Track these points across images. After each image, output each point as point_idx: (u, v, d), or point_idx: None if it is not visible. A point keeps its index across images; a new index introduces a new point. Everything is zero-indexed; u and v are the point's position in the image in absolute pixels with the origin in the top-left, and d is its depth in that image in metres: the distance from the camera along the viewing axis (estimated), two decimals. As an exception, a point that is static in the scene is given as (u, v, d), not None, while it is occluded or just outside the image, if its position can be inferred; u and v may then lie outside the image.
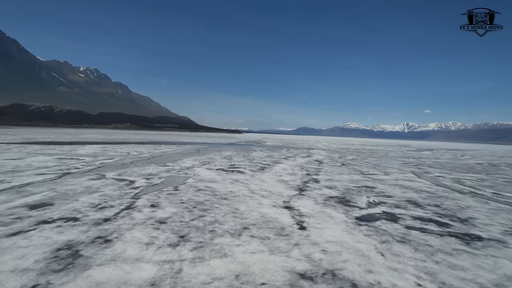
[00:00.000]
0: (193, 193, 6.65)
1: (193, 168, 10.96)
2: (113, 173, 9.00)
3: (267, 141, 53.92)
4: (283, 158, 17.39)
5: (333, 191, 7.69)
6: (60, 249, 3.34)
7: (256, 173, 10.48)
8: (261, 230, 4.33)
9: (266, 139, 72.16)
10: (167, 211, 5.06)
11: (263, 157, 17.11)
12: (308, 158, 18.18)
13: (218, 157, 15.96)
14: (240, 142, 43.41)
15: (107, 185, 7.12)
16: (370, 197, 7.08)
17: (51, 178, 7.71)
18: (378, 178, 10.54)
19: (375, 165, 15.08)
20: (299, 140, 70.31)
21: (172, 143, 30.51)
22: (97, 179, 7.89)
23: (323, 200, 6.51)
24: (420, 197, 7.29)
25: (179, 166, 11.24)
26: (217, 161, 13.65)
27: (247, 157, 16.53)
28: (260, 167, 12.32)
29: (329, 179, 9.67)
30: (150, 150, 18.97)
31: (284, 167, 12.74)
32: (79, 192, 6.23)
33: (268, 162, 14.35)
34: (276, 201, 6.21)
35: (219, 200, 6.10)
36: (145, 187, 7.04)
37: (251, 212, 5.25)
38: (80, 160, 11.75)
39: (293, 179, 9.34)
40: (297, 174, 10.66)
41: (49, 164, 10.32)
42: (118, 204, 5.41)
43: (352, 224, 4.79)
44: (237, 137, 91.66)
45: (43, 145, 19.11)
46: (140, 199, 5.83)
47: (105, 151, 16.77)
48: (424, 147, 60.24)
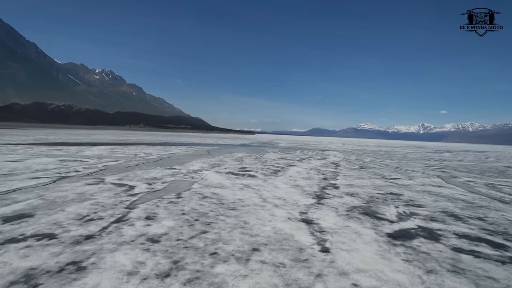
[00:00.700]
0: (197, 201, 5.88)
1: (200, 171, 10.22)
2: (113, 177, 8.32)
3: (280, 142, 53.02)
4: (297, 160, 16.52)
5: (356, 199, 6.82)
6: (14, 283, 2.60)
7: (268, 177, 9.67)
8: (274, 252, 3.52)
9: (279, 140, 71.23)
10: (163, 225, 4.30)
11: (276, 159, 16.28)
12: (324, 160, 17.26)
13: (228, 159, 15.21)
14: (252, 143, 42.64)
15: (103, 191, 6.43)
16: (398, 207, 6.18)
17: (45, 182, 7.07)
18: (403, 183, 9.59)
19: (396, 168, 14.07)
20: (313, 141, 69.10)
21: (183, 144, 29.96)
22: (94, 184, 7.21)
23: (345, 211, 5.65)
24: (457, 207, 6.35)
25: (186, 169, 10.52)
26: (227, 164, 12.89)
27: (259, 159, 15.73)
28: (273, 170, 11.50)
29: (349, 185, 8.78)
30: (159, 151, 18.36)
31: (298, 170, 11.89)
32: (69, 200, 5.54)
33: (281, 165, 13.51)
34: (292, 212, 5.38)
35: (226, 210, 5.31)
36: (144, 194, 6.32)
37: (262, 227, 4.45)
38: (83, 162, 11.16)
39: (309, 185, 8.49)
40: (313, 178, 9.80)
41: (49, 166, 9.73)
42: (109, 215, 4.68)
43: (385, 244, 3.93)
44: (249, 138, 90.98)
45: (52, 146, 18.73)
46: (136, 209, 5.09)
47: (112, 152, 16.23)
48: (442, 148, 58.31)
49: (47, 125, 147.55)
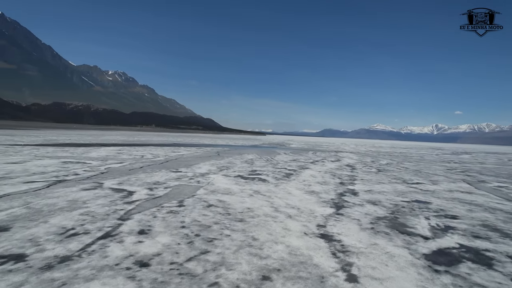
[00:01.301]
0: (201, 210, 5.22)
1: (208, 175, 9.58)
2: (113, 181, 7.73)
3: (292, 143, 52.15)
4: (310, 162, 15.75)
5: (379, 208, 6.06)
6: None
7: (280, 181, 8.96)
8: (289, 282, 2.82)
9: (290, 141, 70.32)
10: (157, 242, 3.65)
11: (288, 161, 15.55)
12: (338, 162, 16.45)
13: (238, 161, 14.55)
14: (263, 144, 41.93)
15: (98, 197, 5.82)
16: (429, 218, 5.40)
17: (38, 187, 6.51)
18: (427, 188, 8.76)
19: (416, 172, 13.19)
20: (325, 143, 67.97)
21: (192, 145, 29.46)
22: (90, 189, 6.62)
23: (369, 223, 4.91)
24: (498, 219, 5.53)
25: (192, 172, 9.89)
26: (236, 166, 12.23)
27: (271, 162, 15.02)
28: (285, 173, 10.79)
29: (368, 190, 8.01)
30: (167, 152, 17.82)
31: (312, 173, 11.15)
32: (57, 208, 4.94)
33: (293, 168, 12.78)
34: (308, 225, 4.67)
35: (232, 222, 4.63)
36: (143, 201, 5.68)
37: (274, 245, 3.75)
38: (85, 165, 10.64)
39: (325, 190, 7.75)
40: (329, 183, 9.05)
41: (48, 169, 9.22)
42: (97, 228, 4.05)
43: (425, 271, 3.19)
44: (260, 139, 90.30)
45: (59, 147, 18.38)
46: (130, 221, 4.46)
47: (118, 153, 15.74)
48: (459, 150, 56.54)
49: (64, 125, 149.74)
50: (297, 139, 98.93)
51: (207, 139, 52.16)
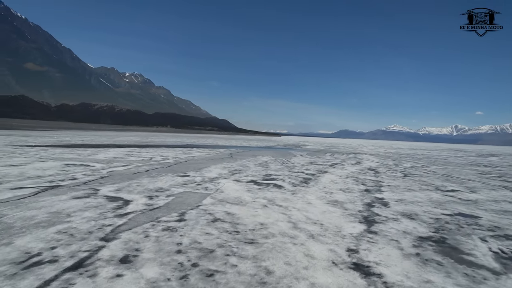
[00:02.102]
0: (204, 227, 4.33)
1: (217, 180, 8.70)
2: (112, 187, 6.94)
3: (307, 144, 50.88)
4: (329, 165, 14.71)
5: (418, 224, 5.03)
6: None
7: (298, 188, 8.00)
8: None
9: (306, 142, 68.96)
10: (140, 277, 2.77)
11: (305, 164, 14.54)
12: (359, 165, 15.34)
13: (252, 163, 13.64)
14: (278, 145, 40.91)
15: (87, 209, 5.01)
16: (486, 239, 4.36)
17: (23, 195, 5.75)
18: (467, 197, 7.64)
19: (446, 177, 11.98)
20: (341, 144, 66.32)
21: (206, 146, 28.74)
22: (83, 197, 5.83)
23: (412, 247, 3.91)
24: None
25: (201, 177, 9.04)
26: (250, 170, 11.32)
27: (286, 164, 14.05)
28: (302, 178, 9.82)
29: (400, 200, 6.97)
30: (178, 154, 17.08)
31: (332, 178, 10.14)
32: (32, 223, 4.13)
33: (311, 171, 11.79)
34: (336, 250, 3.71)
35: (240, 245, 3.72)
36: (138, 214, 4.84)
37: (295, 283, 2.82)
38: (88, 168, 9.94)
39: (350, 199, 6.76)
40: (352, 190, 8.03)
41: (46, 172, 8.53)
42: (70, 254, 3.21)
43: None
44: (275, 140, 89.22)
45: (68, 148, 17.90)
46: (114, 241, 3.61)
47: (127, 155, 15.07)
48: (483, 151, 54.06)
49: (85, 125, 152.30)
50: (312, 140, 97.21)
51: (221, 140, 51.50)
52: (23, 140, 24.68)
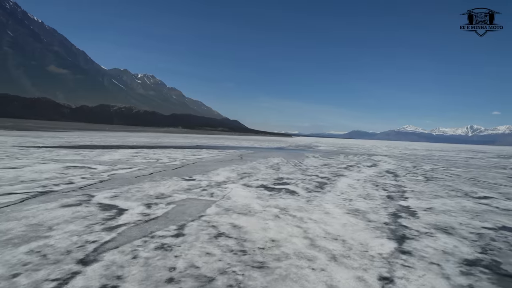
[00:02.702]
0: (204, 245, 3.65)
1: (225, 184, 8.03)
2: (109, 193, 6.33)
3: (319, 145, 49.87)
4: (344, 167, 13.90)
5: (458, 240, 4.26)
6: None
7: (313, 193, 7.27)
8: None
9: (318, 143, 67.88)
10: (114, 324, 2.11)
11: (319, 167, 13.77)
12: (376, 168, 14.48)
13: (262, 166, 12.95)
14: (290, 146, 40.08)
15: (73, 220, 4.39)
16: (547, 262, 3.57)
17: (9, 202, 5.17)
18: (504, 206, 6.79)
19: (473, 181, 11.07)
20: (354, 145, 65.03)
21: (215, 147, 28.17)
22: (73, 205, 5.23)
23: (460, 274, 3.16)
24: None
25: (207, 181, 8.38)
26: (260, 173, 10.62)
27: (299, 167, 13.30)
28: (317, 182, 9.08)
29: (428, 209, 6.18)
30: (186, 155, 16.50)
31: (349, 182, 9.37)
32: (5, 239, 3.52)
33: (326, 174, 11.03)
34: (365, 277, 2.99)
35: (247, 271, 3.02)
36: (130, 227, 4.20)
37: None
38: (89, 170, 9.40)
39: (372, 208, 6.00)
40: (373, 196, 7.26)
41: (43, 176, 7.99)
42: (31, 285, 2.57)
43: None
44: (286, 140, 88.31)
45: (74, 149, 17.51)
46: (94, 265, 2.96)
47: (133, 156, 14.55)
48: (503, 152, 52.16)
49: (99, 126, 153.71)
50: (324, 141, 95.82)
51: (232, 141, 50.94)
52: (33, 141, 24.52)
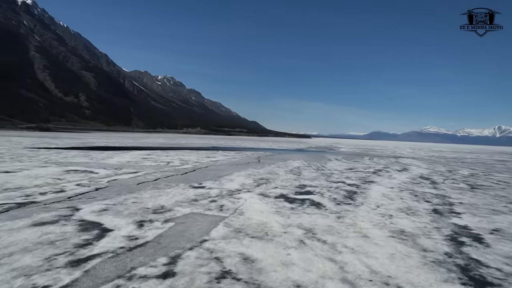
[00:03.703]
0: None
1: (239, 193, 6.91)
2: (99, 205, 5.31)
3: (340, 146, 48.01)
4: (372, 172, 12.53)
5: None
6: None
7: (343, 207, 6.04)
8: None
9: (338, 144, 65.86)
10: None
11: (344, 171, 12.45)
12: (407, 173, 13.02)
13: (282, 170, 11.76)
14: (309, 148, 38.64)
15: (37, 246, 3.37)
16: None
17: (-31, 219, 4.23)
18: None
19: (527, 189, 9.52)
20: (376, 146, 62.71)
21: (232, 149, 27.15)
22: (49, 222, 4.22)
23: None
24: None
25: (219, 189, 7.28)
26: (279, 179, 9.45)
27: (322, 171, 12.04)
28: (345, 191, 7.83)
29: (495, 230, 4.84)
30: (200, 158, 15.51)
31: (383, 191, 8.07)
32: None
33: (354, 181, 9.75)
34: None
35: None
36: (106, 260, 3.13)
37: None
38: (89, 175, 8.49)
39: (421, 229, 4.73)
40: (417, 211, 5.96)
41: (34, 182, 7.10)
42: None
43: None
44: (306, 142, 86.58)
45: (84, 151, 16.85)
46: None
47: (143, 159, 13.67)
48: (538, 155, 48.84)
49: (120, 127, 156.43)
50: (345, 142, 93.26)
51: (250, 142, 49.92)
52: (48, 142, 24.22)
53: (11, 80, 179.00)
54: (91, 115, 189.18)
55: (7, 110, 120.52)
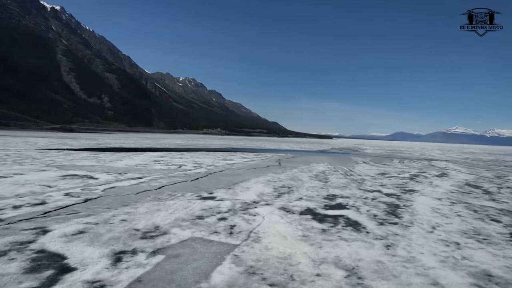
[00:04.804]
0: None
1: (256, 207, 5.65)
2: (75, 225, 4.17)
3: (365, 148, 45.77)
4: (409, 178, 10.98)
5: None
6: None
7: (388, 228, 4.68)
8: None
9: (362, 145, 63.41)
10: None
11: (376, 177, 10.97)
12: (449, 179, 11.37)
13: (305, 175, 10.42)
14: (332, 149, 36.89)
15: None
16: None
17: None
18: None
19: None
20: (402, 147, 59.91)
21: (251, 150, 25.93)
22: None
23: None
24: None
25: (231, 201, 6.05)
26: (303, 187, 8.13)
27: (351, 177, 10.61)
28: (385, 204, 6.43)
29: None
30: (215, 161, 14.36)
31: (430, 203, 6.63)
32: None
33: (391, 189, 8.31)
34: None
35: None
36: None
37: None
38: (86, 182, 7.46)
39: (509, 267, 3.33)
40: (489, 236, 4.51)
41: (16, 191, 6.09)
42: None
43: None
44: (327, 143, 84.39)
45: (96, 152, 16.07)
46: None
47: (154, 162, 12.65)
48: None
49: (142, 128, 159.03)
50: (368, 143, 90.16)
51: (270, 143, 48.62)
52: (64, 143, 23.80)
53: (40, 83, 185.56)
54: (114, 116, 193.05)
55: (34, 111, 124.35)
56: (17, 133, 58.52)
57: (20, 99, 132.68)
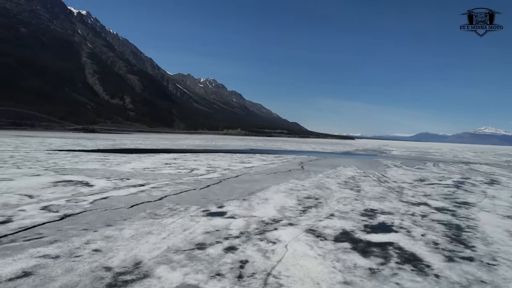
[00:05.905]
0: None
1: (275, 229, 4.37)
2: (25, 261, 3.02)
3: (390, 149, 43.38)
4: (453, 185, 9.42)
5: None
6: None
7: (463, 268, 3.29)
8: None
9: (387, 146, 60.77)
10: None
11: (415, 184, 9.45)
12: (503, 187, 9.70)
13: (333, 182, 9.05)
14: (357, 150, 35.04)
15: None
16: None
17: None
18: None
19: None
20: (430, 148, 56.94)
21: (271, 151, 24.64)
22: None
23: None
24: None
25: (244, 219, 4.79)
26: (333, 197, 6.78)
27: (386, 183, 9.15)
28: (441, 223, 5.00)
29: None
30: (232, 163, 13.18)
31: (502, 224, 5.17)
32: None
33: (439, 201, 6.84)
34: None
35: None
36: None
37: None
38: (78, 190, 6.43)
39: None
40: None
41: None
42: None
43: None
44: (350, 143, 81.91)
45: (106, 154, 15.23)
46: None
47: (165, 165, 11.61)
48: None
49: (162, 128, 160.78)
50: (393, 144, 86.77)
51: (291, 144, 47.13)
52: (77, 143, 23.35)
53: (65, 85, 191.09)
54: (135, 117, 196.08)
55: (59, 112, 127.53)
56: (39, 133, 59.53)
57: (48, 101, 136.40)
